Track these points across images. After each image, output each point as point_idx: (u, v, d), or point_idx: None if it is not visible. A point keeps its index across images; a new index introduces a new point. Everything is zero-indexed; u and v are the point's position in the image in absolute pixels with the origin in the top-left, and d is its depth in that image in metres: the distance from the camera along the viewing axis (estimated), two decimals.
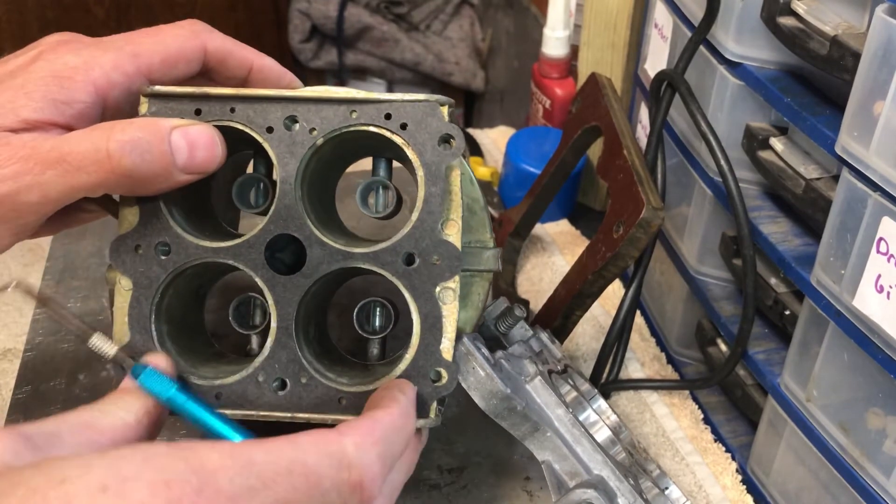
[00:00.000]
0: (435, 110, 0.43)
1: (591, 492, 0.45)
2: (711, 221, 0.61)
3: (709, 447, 0.62)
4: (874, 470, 0.47)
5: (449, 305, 0.43)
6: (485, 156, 0.93)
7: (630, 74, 0.81)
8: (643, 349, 0.71)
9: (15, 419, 0.59)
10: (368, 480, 0.35)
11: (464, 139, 0.44)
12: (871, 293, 0.44)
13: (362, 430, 0.37)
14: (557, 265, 0.78)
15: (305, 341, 0.45)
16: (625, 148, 0.57)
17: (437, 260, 0.43)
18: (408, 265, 0.43)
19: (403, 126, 0.43)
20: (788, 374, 0.53)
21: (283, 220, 0.44)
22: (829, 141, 0.46)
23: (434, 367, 0.43)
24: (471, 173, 0.49)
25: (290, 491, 0.33)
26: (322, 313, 0.50)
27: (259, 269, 0.44)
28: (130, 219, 0.45)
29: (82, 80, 0.43)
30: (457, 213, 0.44)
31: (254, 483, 0.33)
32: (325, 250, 0.44)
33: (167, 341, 0.45)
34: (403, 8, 1.75)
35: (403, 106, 0.43)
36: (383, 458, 0.37)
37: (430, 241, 0.43)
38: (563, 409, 0.48)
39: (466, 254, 0.48)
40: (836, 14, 0.48)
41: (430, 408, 0.43)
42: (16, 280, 0.42)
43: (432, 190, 0.43)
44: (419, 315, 0.43)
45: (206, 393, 0.44)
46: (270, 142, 0.44)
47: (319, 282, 0.45)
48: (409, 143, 0.43)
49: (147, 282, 0.44)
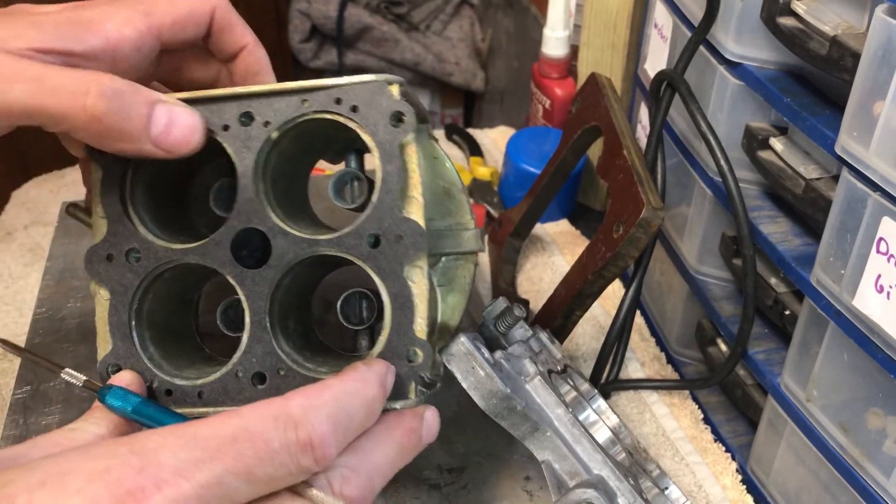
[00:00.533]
0: (383, 89, 0.43)
1: (591, 492, 0.45)
2: (711, 221, 0.61)
3: (709, 447, 0.62)
4: (874, 470, 0.47)
5: (418, 284, 0.43)
6: (485, 156, 0.93)
7: (630, 74, 0.81)
8: (643, 349, 0.71)
9: (15, 419, 0.59)
10: (318, 439, 0.35)
11: (416, 115, 0.43)
12: (871, 293, 0.44)
13: (308, 392, 0.36)
14: (557, 265, 0.78)
15: (284, 334, 0.45)
16: (625, 148, 0.57)
17: (401, 239, 0.43)
18: (373, 247, 0.43)
19: (354, 108, 0.43)
20: (788, 374, 0.53)
21: (245, 214, 0.44)
22: (828, 141, 0.46)
23: (408, 346, 0.43)
24: (444, 156, 0.49)
25: (237, 458, 0.33)
26: (303, 308, 0.50)
27: (227, 266, 0.44)
28: (102, 229, 0.45)
29: (95, 28, 0.43)
30: (416, 190, 0.43)
31: (199, 455, 0.32)
32: (289, 240, 0.44)
33: (150, 346, 0.46)
34: (403, 8, 1.75)
35: (353, 89, 0.43)
36: (333, 418, 0.36)
37: (393, 221, 0.43)
38: (563, 408, 0.48)
39: (447, 237, 0.48)
40: (836, 14, 0.48)
41: (410, 388, 0.43)
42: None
43: (389, 168, 0.43)
44: (389, 295, 0.43)
45: (188, 393, 0.44)
46: (227, 139, 0.44)
47: (290, 274, 0.45)
48: (361, 125, 0.43)
49: (122, 289, 0.45)
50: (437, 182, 0.49)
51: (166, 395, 0.44)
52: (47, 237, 0.78)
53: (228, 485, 0.33)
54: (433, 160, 0.49)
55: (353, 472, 0.38)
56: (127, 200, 0.45)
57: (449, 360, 0.46)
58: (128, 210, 0.45)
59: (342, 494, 0.37)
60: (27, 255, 0.76)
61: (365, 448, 0.39)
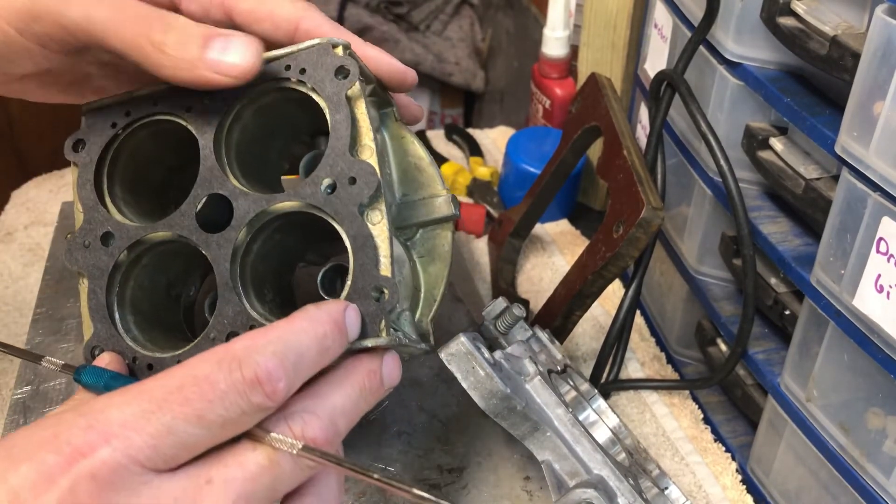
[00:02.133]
0: (328, 50, 0.45)
1: (590, 491, 0.45)
2: (711, 221, 0.61)
3: (709, 447, 0.62)
4: (874, 470, 0.47)
5: (378, 225, 0.44)
6: (485, 156, 0.93)
7: (630, 74, 0.81)
8: (643, 349, 0.71)
9: (15, 419, 0.59)
10: (264, 374, 0.35)
11: (359, 69, 0.45)
12: (871, 293, 0.44)
13: (253, 335, 0.36)
14: (557, 265, 0.78)
15: (259, 300, 0.46)
16: (625, 148, 0.57)
17: (354, 181, 0.44)
18: (330, 194, 0.44)
19: (302, 71, 0.45)
20: (788, 374, 0.53)
21: (207, 182, 0.46)
22: (828, 141, 0.46)
23: (373, 284, 0.43)
24: (411, 134, 0.51)
25: (185, 403, 0.33)
26: (282, 282, 0.51)
27: (193, 234, 0.45)
28: (80, 222, 0.47)
29: None
30: (368, 137, 0.45)
31: (146, 406, 0.33)
32: (249, 199, 0.45)
33: (133, 328, 0.47)
34: (403, 8, 1.75)
35: (300, 54, 0.45)
36: (280, 355, 0.36)
37: (344, 164, 0.44)
38: (563, 408, 0.48)
39: (420, 206, 0.50)
40: (836, 14, 0.48)
41: (380, 327, 0.43)
42: None
43: (337, 118, 0.44)
44: (348, 238, 0.44)
45: (167, 364, 0.45)
46: (189, 119, 0.46)
47: (259, 238, 0.46)
48: (308, 84, 0.45)
49: (98, 272, 0.46)
50: (407, 160, 0.51)
51: (148, 369, 0.45)
52: (47, 237, 0.78)
53: (181, 431, 0.33)
54: (400, 139, 0.51)
55: (312, 415, 0.37)
56: (105, 193, 0.47)
57: (449, 360, 0.46)
58: (104, 199, 0.47)
59: (304, 437, 0.36)
60: (27, 255, 0.76)
61: (323, 391, 0.39)
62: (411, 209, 0.50)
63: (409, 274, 0.49)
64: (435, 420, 0.60)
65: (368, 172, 0.44)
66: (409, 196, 0.50)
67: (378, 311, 0.43)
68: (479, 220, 0.81)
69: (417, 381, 0.63)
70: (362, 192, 0.44)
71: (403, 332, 0.45)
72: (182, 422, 0.33)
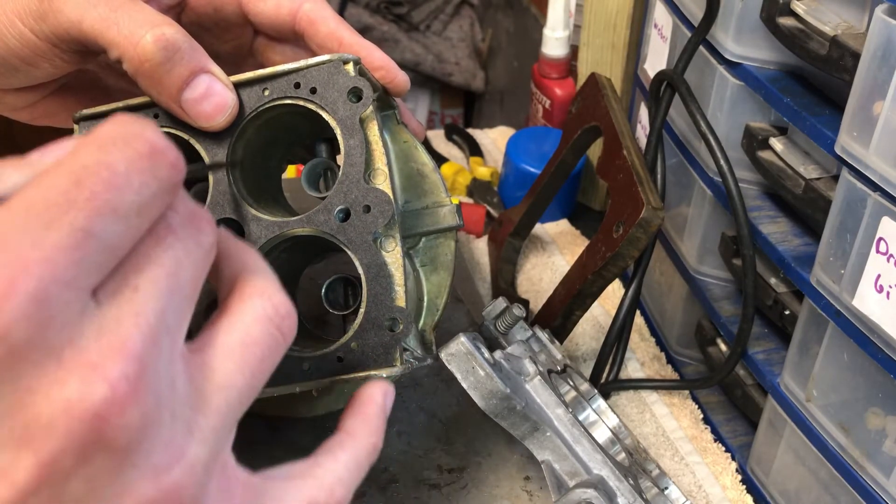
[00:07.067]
0: (339, 69, 0.44)
1: (590, 491, 0.45)
2: (711, 221, 0.61)
3: (709, 447, 0.62)
4: (874, 470, 0.47)
5: (392, 253, 0.43)
6: (485, 156, 0.93)
7: (630, 74, 0.81)
8: (643, 349, 0.71)
9: None
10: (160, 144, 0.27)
11: (373, 89, 0.44)
12: (870, 293, 0.44)
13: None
14: (557, 265, 0.78)
15: None
16: (624, 148, 0.57)
17: (369, 209, 0.43)
18: (343, 221, 0.44)
19: (313, 90, 0.44)
20: (788, 374, 0.53)
21: (220, 206, 0.45)
22: (828, 141, 0.46)
23: (387, 315, 0.43)
24: (414, 139, 0.50)
25: (92, 198, 0.25)
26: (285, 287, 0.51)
27: None
28: None
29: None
30: (381, 161, 0.44)
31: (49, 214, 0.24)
32: (262, 225, 0.45)
33: None
34: (403, 8, 1.75)
35: (309, 72, 0.44)
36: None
37: (359, 192, 0.43)
38: (563, 408, 0.48)
39: (424, 216, 0.49)
40: (836, 14, 0.48)
41: (395, 356, 0.43)
42: None
43: (351, 143, 0.44)
44: (362, 266, 0.43)
45: None
46: (196, 137, 0.45)
47: (266, 261, 0.45)
48: (321, 105, 0.44)
49: None
50: (410, 165, 0.50)
51: None
52: None
53: (99, 232, 0.25)
54: (403, 144, 0.50)
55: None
56: None
57: (449, 360, 0.46)
58: None
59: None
60: None
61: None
62: (416, 218, 0.49)
63: (412, 285, 0.48)
64: (435, 420, 0.60)
65: (384, 201, 0.43)
66: (411, 203, 0.50)
67: (392, 340, 0.43)
68: (479, 220, 0.81)
69: (417, 381, 0.63)
70: (377, 220, 0.43)
71: (411, 351, 0.44)
72: (98, 219, 0.25)
